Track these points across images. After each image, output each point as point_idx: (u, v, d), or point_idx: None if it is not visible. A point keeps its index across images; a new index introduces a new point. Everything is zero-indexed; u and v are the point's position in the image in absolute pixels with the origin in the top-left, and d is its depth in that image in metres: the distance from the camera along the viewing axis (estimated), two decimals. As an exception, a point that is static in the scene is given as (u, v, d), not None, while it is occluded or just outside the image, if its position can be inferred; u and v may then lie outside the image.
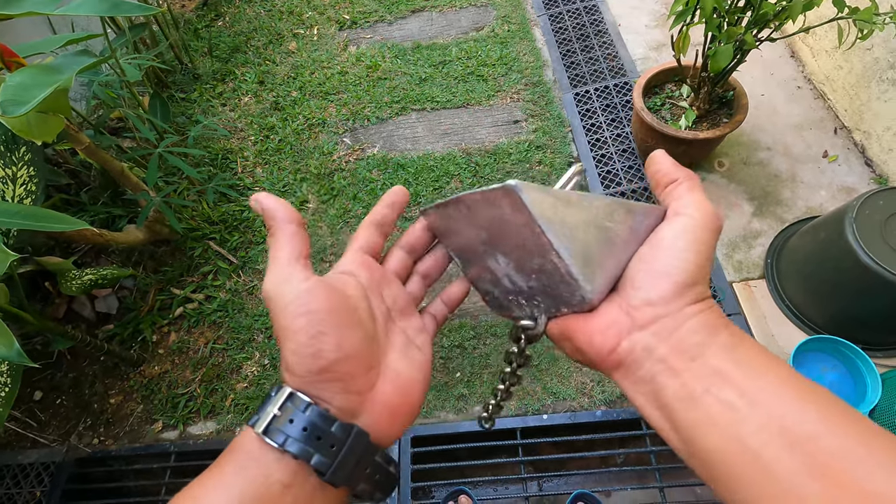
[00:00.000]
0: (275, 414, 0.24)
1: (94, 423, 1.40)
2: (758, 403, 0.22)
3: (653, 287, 0.26)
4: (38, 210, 0.84)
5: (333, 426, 0.24)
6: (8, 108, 0.78)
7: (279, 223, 0.28)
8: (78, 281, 1.11)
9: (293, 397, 0.25)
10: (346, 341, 0.26)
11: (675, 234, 0.26)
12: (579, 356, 0.28)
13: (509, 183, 0.24)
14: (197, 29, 2.16)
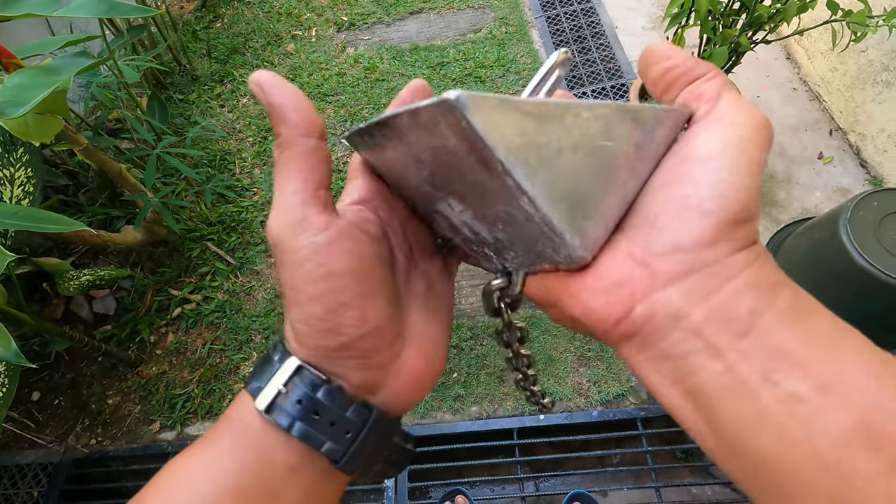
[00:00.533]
0: (279, 390, 0.20)
1: (91, 423, 1.40)
2: (834, 392, 0.16)
3: (684, 225, 0.18)
4: (36, 211, 0.84)
5: (349, 410, 0.21)
6: (6, 109, 0.78)
7: (293, 134, 0.20)
8: (76, 282, 1.11)
9: (301, 372, 0.21)
10: (371, 313, 0.21)
11: (716, 147, 0.19)
12: (571, 324, 0.21)
13: (448, 96, 0.16)
14: (195, 30, 2.17)
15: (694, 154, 0.19)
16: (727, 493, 1.20)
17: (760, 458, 0.17)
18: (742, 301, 0.18)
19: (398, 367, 0.22)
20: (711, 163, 0.19)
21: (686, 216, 0.18)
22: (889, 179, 1.39)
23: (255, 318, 1.47)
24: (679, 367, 0.18)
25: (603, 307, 0.19)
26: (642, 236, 0.19)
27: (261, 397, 0.21)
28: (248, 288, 1.53)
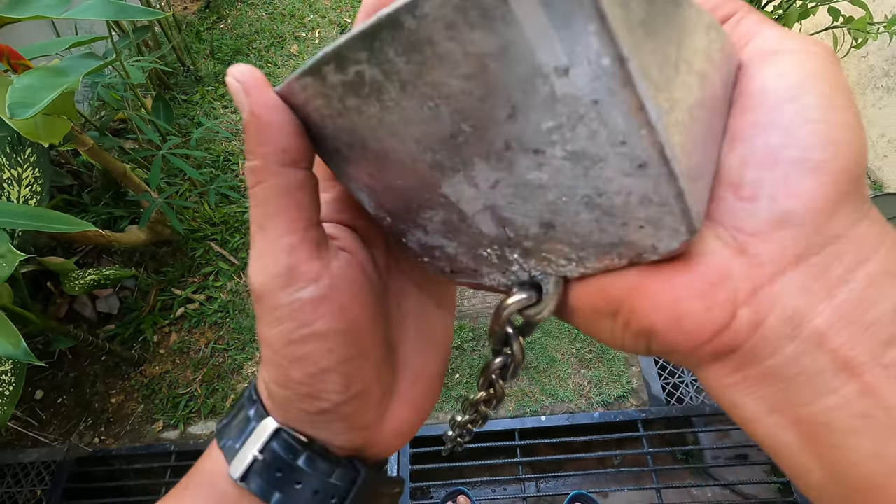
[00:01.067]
0: (254, 457, 0.18)
1: (94, 422, 1.41)
2: None
3: (788, 188, 0.13)
4: (44, 211, 0.85)
5: (333, 475, 0.18)
6: (16, 110, 0.79)
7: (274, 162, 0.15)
8: (81, 281, 1.12)
9: (279, 436, 0.18)
10: (357, 377, 0.18)
11: (796, 79, 0.14)
12: (634, 340, 0.15)
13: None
14: (199, 31, 2.18)
15: (768, 93, 0.14)
16: (727, 495, 1.21)
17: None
18: (885, 294, 0.13)
19: (386, 423, 0.20)
20: (800, 98, 0.13)
21: (787, 175, 0.13)
22: (889, 184, 1.40)
23: (258, 318, 1.48)
24: (791, 391, 0.13)
25: (700, 313, 0.13)
26: (728, 210, 0.14)
27: (235, 462, 0.18)
28: (251, 288, 1.54)
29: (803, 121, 0.13)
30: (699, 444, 1.23)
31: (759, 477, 1.19)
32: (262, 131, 0.15)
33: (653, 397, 1.26)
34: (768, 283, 0.13)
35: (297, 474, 0.18)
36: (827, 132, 0.13)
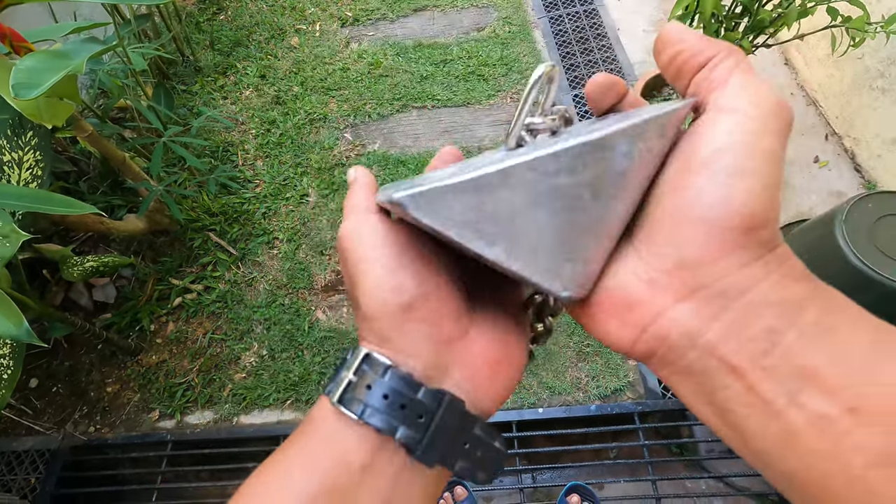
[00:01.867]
0: (350, 380, 0.20)
1: (90, 411, 1.40)
2: (865, 415, 0.15)
3: (687, 239, 0.17)
4: (46, 193, 0.84)
5: (420, 392, 0.20)
6: (20, 90, 0.79)
7: (358, 178, 0.24)
8: (80, 267, 1.11)
9: (370, 359, 0.20)
10: (430, 276, 0.21)
11: (720, 145, 0.17)
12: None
13: (398, 198, 0.18)
14: (199, 22, 2.16)
15: (695, 155, 0.18)
16: (720, 487, 1.22)
17: (790, 473, 0.17)
18: (759, 319, 0.17)
19: (468, 345, 0.22)
20: (714, 163, 0.17)
21: (688, 228, 0.17)
22: (883, 184, 1.42)
23: (257, 308, 1.48)
24: (703, 384, 0.18)
25: (616, 330, 0.19)
26: (648, 252, 0.19)
27: (333, 390, 0.20)
28: (249, 279, 1.53)
29: (712, 185, 0.17)
30: (694, 436, 1.25)
31: (753, 469, 1.20)
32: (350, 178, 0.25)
33: (649, 390, 1.27)
34: (671, 308, 0.18)
35: (386, 389, 0.20)
36: (726, 195, 0.17)
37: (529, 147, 0.21)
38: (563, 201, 0.19)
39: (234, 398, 1.36)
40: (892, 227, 1.10)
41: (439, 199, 0.18)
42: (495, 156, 0.21)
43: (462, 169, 0.20)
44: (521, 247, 0.19)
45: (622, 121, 0.19)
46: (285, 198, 1.66)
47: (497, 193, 0.18)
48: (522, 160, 0.18)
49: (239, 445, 1.31)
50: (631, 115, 0.20)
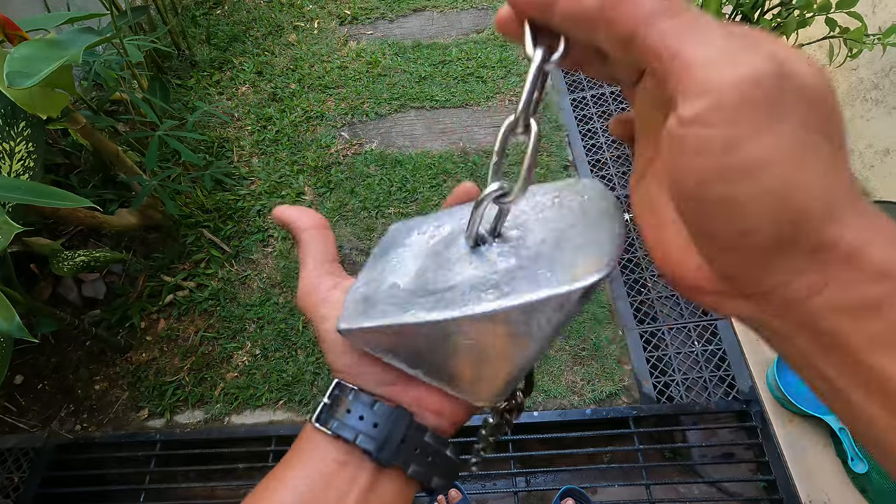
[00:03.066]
0: (325, 403, 0.25)
1: (76, 409, 1.37)
2: None
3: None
4: (40, 185, 0.82)
5: (375, 406, 0.25)
6: (15, 79, 0.77)
7: (301, 230, 0.28)
8: (70, 262, 1.09)
9: (340, 386, 0.26)
10: None
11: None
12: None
13: (341, 328, 0.24)
14: (195, 16, 2.14)
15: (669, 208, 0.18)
16: (713, 493, 1.23)
17: None
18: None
19: (414, 388, 0.26)
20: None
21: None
22: (875, 193, 1.44)
23: (250, 307, 1.46)
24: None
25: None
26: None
27: (313, 414, 0.25)
28: (242, 277, 1.51)
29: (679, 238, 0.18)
30: (687, 441, 1.25)
31: (745, 475, 1.21)
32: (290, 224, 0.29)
33: (644, 395, 1.27)
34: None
35: (349, 406, 0.25)
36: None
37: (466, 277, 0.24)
38: (470, 351, 0.23)
39: (226, 397, 1.34)
40: (885, 237, 1.11)
41: (370, 333, 0.23)
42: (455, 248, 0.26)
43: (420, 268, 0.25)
44: (439, 372, 0.24)
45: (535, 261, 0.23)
46: (281, 195, 1.65)
47: (416, 337, 0.23)
48: (436, 318, 0.22)
49: (230, 446, 1.29)
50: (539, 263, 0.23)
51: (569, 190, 0.26)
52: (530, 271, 0.22)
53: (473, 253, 0.25)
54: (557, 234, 0.24)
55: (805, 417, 1.16)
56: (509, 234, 0.25)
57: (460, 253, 0.25)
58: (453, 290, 0.23)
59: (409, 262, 0.26)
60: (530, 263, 0.23)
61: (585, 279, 0.20)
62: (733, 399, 1.24)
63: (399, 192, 1.62)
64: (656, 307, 1.39)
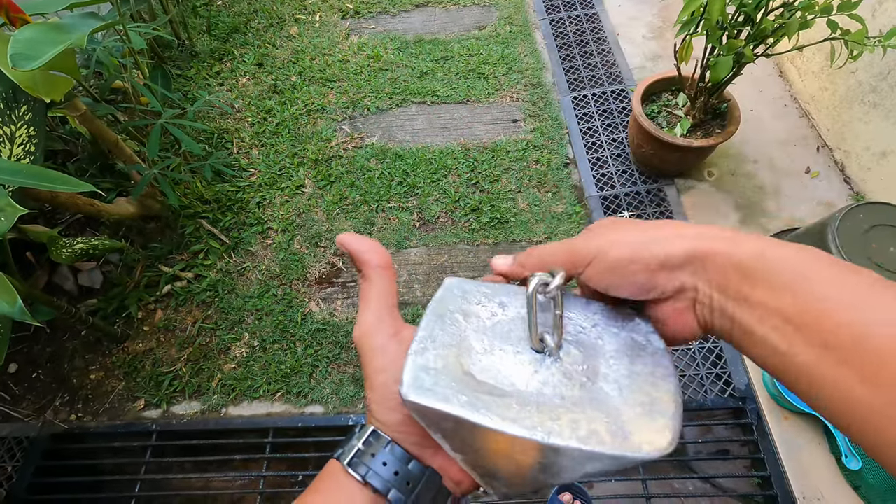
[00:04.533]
0: (359, 448, 0.26)
1: (71, 398, 1.36)
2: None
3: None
4: (42, 170, 0.82)
5: (410, 464, 0.26)
6: (19, 61, 0.76)
7: (373, 269, 0.28)
8: (69, 249, 1.08)
9: (376, 435, 0.26)
10: None
11: None
12: None
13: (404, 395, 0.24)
14: (195, 6, 2.12)
15: None
16: (707, 488, 1.24)
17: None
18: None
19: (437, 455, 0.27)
20: None
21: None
22: (871, 195, 1.45)
23: (248, 298, 1.45)
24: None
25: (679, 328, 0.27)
26: None
27: (344, 455, 0.26)
28: (241, 268, 1.51)
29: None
30: (683, 437, 1.26)
31: (740, 471, 1.22)
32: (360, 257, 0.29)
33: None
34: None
35: (385, 458, 0.26)
36: None
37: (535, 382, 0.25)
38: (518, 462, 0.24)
39: (223, 389, 1.33)
40: (882, 237, 1.12)
41: (432, 412, 0.24)
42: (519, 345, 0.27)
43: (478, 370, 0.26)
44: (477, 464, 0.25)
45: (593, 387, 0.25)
46: (281, 188, 1.64)
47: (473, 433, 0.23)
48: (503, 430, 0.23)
49: (226, 437, 1.28)
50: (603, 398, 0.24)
51: (624, 320, 0.28)
52: (596, 414, 0.23)
53: (537, 360, 0.26)
54: (623, 377, 0.25)
55: (800, 415, 1.18)
56: (572, 352, 0.26)
57: (525, 354, 0.26)
58: (520, 401, 0.24)
59: (472, 342, 0.26)
60: (596, 405, 0.24)
61: (649, 453, 0.22)
62: (729, 396, 1.26)
63: (399, 187, 1.62)
64: (654, 305, 1.40)
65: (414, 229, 1.55)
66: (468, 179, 1.63)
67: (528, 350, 0.26)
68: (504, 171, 1.64)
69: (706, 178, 1.58)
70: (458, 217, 1.56)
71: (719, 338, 0.24)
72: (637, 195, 1.58)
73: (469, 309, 0.28)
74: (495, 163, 1.66)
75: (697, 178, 1.58)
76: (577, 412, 0.23)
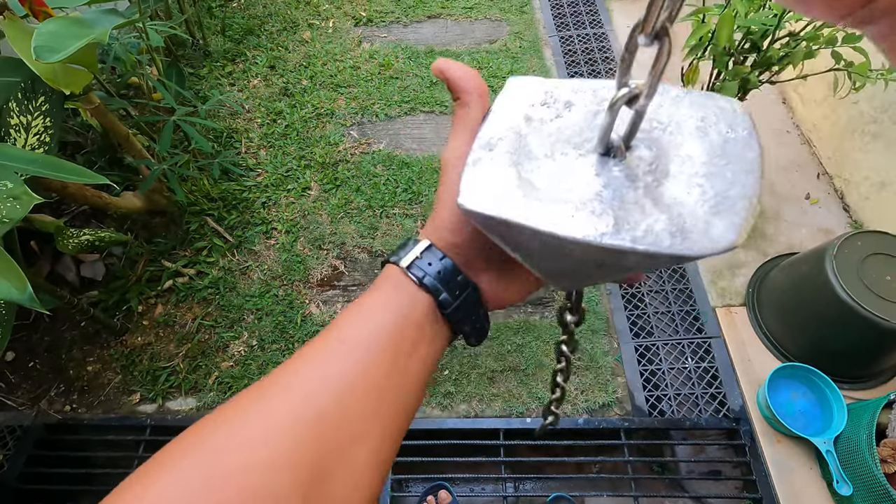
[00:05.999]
0: (417, 255, 0.29)
1: (67, 389, 1.36)
2: None
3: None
4: (56, 160, 0.83)
5: (459, 276, 0.29)
6: (42, 53, 0.78)
7: (467, 93, 0.29)
8: (75, 240, 1.09)
9: (431, 248, 0.29)
10: (480, 238, 0.29)
11: None
12: None
13: (461, 204, 0.24)
14: (211, 7, 2.15)
15: None
16: (699, 509, 1.24)
17: None
18: None
19: (483, 275, 0.30)
20: None
21: None
22: (869, 224, 1.47)
23: (249, 297, 1.46)
24: None
25: None
26: None
27: (403, 260, 0.29)
28: (244, 267, 1.51)
29: None
30: (676, 456, 1.27)
31: (731, 493, 1.22)
32: (458, 85, 0.29)
33: (636, 408, 1.29)
34: None
35: (440, 268, 0.28)
36: None
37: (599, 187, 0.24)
38: (575, 261, 0.24)
39: (220, 386, 1.33)
40: (879, 266, 1.14)
41: (489, 220, 0.23)
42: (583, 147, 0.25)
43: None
44: (534, 262, 0.26)
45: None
46: (287, 189, 1.66)
47: (533, 237, 0.23)
48: (562, 234, 0.22)
49: (221, 435, 1.28)
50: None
51: (715, 114, 0.24)
52: (657, 214, 0.22)
53: (602, 163, 0.24)
54: (693, 176, 0.23)
55: (793, 438, 1.18)
56: (642, 154, 0.24)
57: (589, 157, 0.24)
58: (579, 204, 0.23)
59: (533, 147, 0.25)
60: (660, 204, 0.22)
61: (709, 251, 0.20)
62: (723, 417, 1.26)
63: (404, 194, 1.64)
64: (652, 322, 1.41)
65: (417, 236, 1.56)
66: (473, 190, 1.64)
67: (593, 153, 0.24)
68: (508, 184, 1.66)
69: (707, 199, 1.60)
70: (461, 226, 1.57)
71: None
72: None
73: (532, 112, 0.26)
74: (500, 175, 1.68)
75: (699, 199, 1.60)
76: (638, 212, 0.22)
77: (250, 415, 0.23)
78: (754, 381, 1.28)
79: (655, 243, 0.21)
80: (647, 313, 1.43)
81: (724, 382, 1.30)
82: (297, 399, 0.24)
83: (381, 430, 0.25)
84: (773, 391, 1.22)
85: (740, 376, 1.29)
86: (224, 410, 0.24)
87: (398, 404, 0.27)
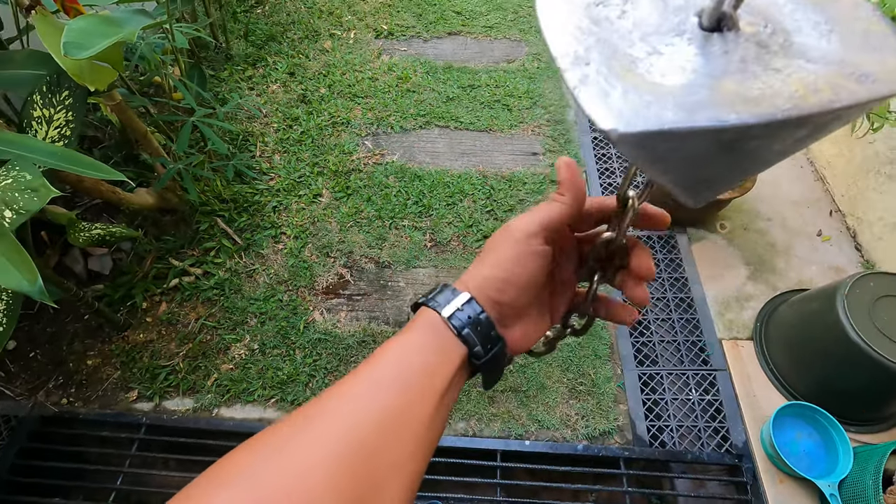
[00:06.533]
0: (458, 307, 0.31)
1: (65, 381, 1.35)
2: None
3: None
4: (75, 154, 0.84)
5: (492, 331, 0.32)
6: (71, 49, 0.79)
7: (560, 198, 0.33)
8: (87, 233, 1.09)
9: (471, 301, 0.32)
10: (521, 299, 0.34)
11: None
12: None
13: (609, 131, 0.19)
14: (236, 12, 2.19)
15: None
16: (696, 545, 1.21)
17: None
18: None
19: (509, 332, 0.34)
20: None
21: None
22: (881, 265, 1.46)
23: (254, 300, 1.46)
24: None
25: None
26: None
27: (445, 310, 0.31)
28: (250, 270, 1.52)
29: None
30: (675, 489, 1.24)
31: (730, 531, 1.20)
32: (565, 184, 0.34)
33: (637, 437, 1.27)
34: None
35: (477, 323, 0.31)
36: None
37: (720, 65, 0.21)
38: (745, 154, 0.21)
39: (218, 389, 1.33)
40: (891, 308, 1.13)
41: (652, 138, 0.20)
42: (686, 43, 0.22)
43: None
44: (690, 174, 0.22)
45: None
46: (298, 195, 1.66)
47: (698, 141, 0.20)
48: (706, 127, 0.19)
49: (215, 438, 1.27)
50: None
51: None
52: (824, 66, 0.19)
53: (719, 41, 0.21)
54: (817, 26, 0.20)
55: (796, 479, 1.16)
56: (749, 22, 0.22)
57: (698, 39, 0.22)
58: (733, 88, 0.20)
59: (626, 49, 0.22)
60: (816, 60, 0.20)
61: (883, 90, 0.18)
62: (726, 452, 1.24)
63: (415, 206, 1.64)
64: (657, 350, 1.40)
65: (425, 249, 1.56)
66: (483, 206, 1.65)
67: (699, 34, 0.22)
68: (520, 202, 1.66)
69: (718, 230, 1.59)
70: (469, 242, 1.57)
71: None
72: (648, 239, 1.59)
73: (593, 15, 0.23)
74: (511, 192, 1.68)
75: (709, 230, 1.59)
76: (804, 73, 0.19)
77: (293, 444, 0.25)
78: (759, 418, 1.26)
79: (854, 94, 0.18)
80: (653, 341, 1.41)
81: (728, 417, 1.28)
82: (339, 431, 0.26)
83: (413, 465, 0.27)
84: (778, 429, 1.20)
85: (744, 411, 1.27)
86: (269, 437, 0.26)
87: (427, 441, 0.29)
